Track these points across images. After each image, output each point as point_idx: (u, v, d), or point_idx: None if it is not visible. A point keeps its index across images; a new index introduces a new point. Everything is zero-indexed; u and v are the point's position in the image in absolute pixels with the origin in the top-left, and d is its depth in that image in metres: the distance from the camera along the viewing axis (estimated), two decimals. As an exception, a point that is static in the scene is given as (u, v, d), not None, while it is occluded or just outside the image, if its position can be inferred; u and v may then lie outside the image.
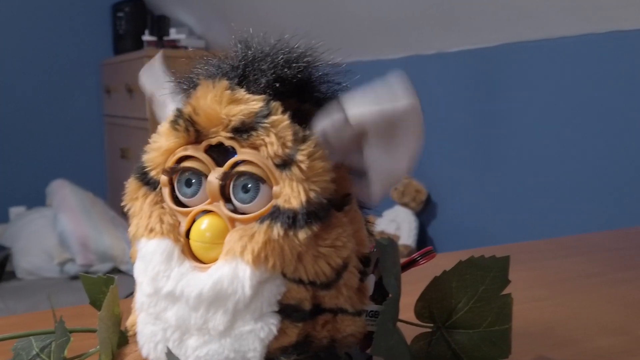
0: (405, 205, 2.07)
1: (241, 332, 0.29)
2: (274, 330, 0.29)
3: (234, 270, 0.28)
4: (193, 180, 0.31)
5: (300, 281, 0.29)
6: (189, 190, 0.31)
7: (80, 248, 2.03)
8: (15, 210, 2.81)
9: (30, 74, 2.91)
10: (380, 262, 0.33)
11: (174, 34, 2.65)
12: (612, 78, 1.49)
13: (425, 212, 2.11)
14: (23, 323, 0.50)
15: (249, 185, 0.29)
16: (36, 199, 2.64)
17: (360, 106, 0.29)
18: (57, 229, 2.12)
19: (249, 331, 0.28)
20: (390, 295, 0.34)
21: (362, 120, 0.29)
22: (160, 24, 2.63)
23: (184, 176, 0.31)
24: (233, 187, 0.30)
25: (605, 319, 0.51)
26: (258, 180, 0.29)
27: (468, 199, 1.96)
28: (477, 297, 0.40)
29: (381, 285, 0.34)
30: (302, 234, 0.28)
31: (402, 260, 0.41)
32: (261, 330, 0.28)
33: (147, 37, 2.67)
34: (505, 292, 0.40)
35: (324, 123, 0.30)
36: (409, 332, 0.39)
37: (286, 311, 0.29)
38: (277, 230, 0.28)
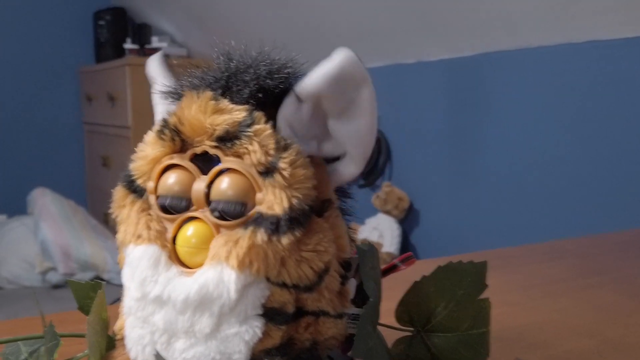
0: (387, 213, 2.09)
1: (227, 335, 0.29)
2: (259, 332, 0.30)
3: (219, 275, 0.29)
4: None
5: (283, 285, 0.30)
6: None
7: (61, 257, 2.01)
8: (-6, 219, 2.77)
9: (9, 81, 2.88)
10: (360, 266, 0.35)
11: (155, 42, 2.65)
12: (590, 88, 1.53)
13: (407, 220, 2.13)
14: (6, 329, 0.50)
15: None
16: (17, 208, 2.60)
17: (305, 81, 0.30)
18: (38, 237, 2.10)
19: (234, 334, 0.29)
20: (370, 299, 0.35)
21: (310, 90, 0.30)
22: (142, 32, 2.63)
23: (170, 184, 0.32)
24: (218, 194, 0.31)
25: (576, 322, 0.53)
26: (242, 187, 0.30)
27: (449, 207, 1.99)
28: (456, 301, 0.41)
29: (362, 289, 0.36)
30: (285, 240, 0.29)
31: (383, 265, 0.42)
32: (246, 332, 0.29)
33: (128, 45, 2.66)
34: (482, 296, 0.42)
35: (282, 111, 0.31)
36: (391, 336, 0.41)
37: (270, 314, 0.30)
38: (261, 235, 0.29)
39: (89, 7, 2.97)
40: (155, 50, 2.64)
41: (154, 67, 0.36)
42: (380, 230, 2.05)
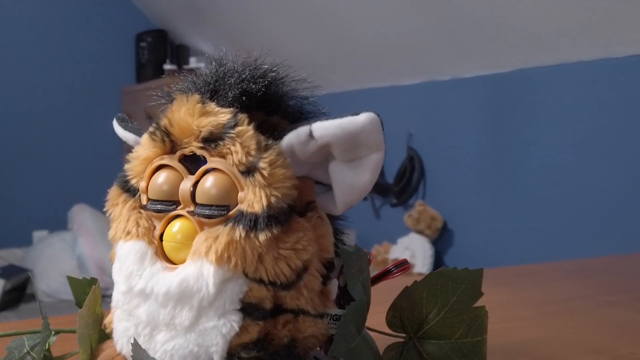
0: (420, 232, 2.07)
1: (205, 328, 0.31)
2: (236, 327, 0.31)
3: (199, 269, 0.31)
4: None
5: (261, 281, 0.31)
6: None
7: (97, 271, 2.08)
8: (38, 234, 2.89)
9: (54, 100, 3.03)
10: (345, 268, 0.35)
11: (193, 63, 2.75)
12: (630, 104, 1.50)
13: (441, 240, 2.11)
14: (21, 328, 0.53)
15: (217, 192, 0.32)
16: (58, 223, 2.71)
17: (324, 124, 0.32)
18: (75, 252, 2.18)
19: (212, 327, 0.31)
20: (355, 301, 0.36)
21: (324, 133, 0.32)
22: (181, 53, 2.73)
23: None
24: (203, 193, 0.32)
25: (589, 339, 0.52)
26: (225, 186, 0.32)
27: (484, 228, 1.95)
28: (448, 308, 0.41)
29: (348, 292, 0.36)
30: (262, 236, 0.31)
31: (378, 271, 0.43)
32: (223, 326, 0.31)
33: (168, 66, 2.77)
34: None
35: (291, 136, 0.33)
36: (384, 342, 0.41)
37: (248, 309, 0.31)
38: (239, 232, 0.31)
39: (131, 30, 3.10)
40: (192, 71, 2.74)
41: (118, 130, 0.39)
42: (412, 250, 2.04)
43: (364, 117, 0.31)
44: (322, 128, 0.32)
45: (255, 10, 2.47)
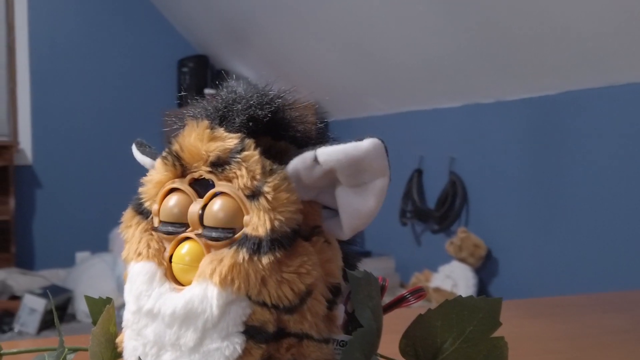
0: (462, 260, 2.04)
1: (209, 350, 0.32)
2: (239, 349, 0.32)
3: (204, 291, 0.32)
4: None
5: (264, 304, 0.32)
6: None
7: (135, 293, 2.13)
8: (80, 255, 3.00)
9: (97, 124, 3.17)
10: (352, 294, 0.36)
11: (234, 87, 2.83)
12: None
13: (484, 269, 2.07)
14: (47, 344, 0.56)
15: (224, 215, 0.33)
16: (100, 245, 2.81)
17: (329, 149, 0.33)
18: (115, 273, 2.25)
19: (216, 349, 0.32)
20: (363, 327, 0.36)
21: (328, 159, 0.33)
22: (221, 78, 2.80)
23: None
24: (211, 217, 0.34)
25: (622, 374, 0.50)
26: (232, 210, 0.33)
27: (530, 256, 1.90)
28: (464, 337, 0.41)
29: (356, 317, 0.37)
30: (266, 259, 0.32)
31: (392, 297, 0.43)
32: (227, 348, 0.32)
33: (208, 91, 2.86)
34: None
35: (296, 161, 0.34)
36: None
37: (251, 332, 0.32)
38: (243, 254, 0.32)
39: (174, 55, 3.22)
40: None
41: (136, 154, 0.41)
42: (454, 279, 2.00)
43: (367, 143, 0.32)
44: (327, 153, 0.32)
45: (295, 35, 2.53)
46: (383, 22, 2.08)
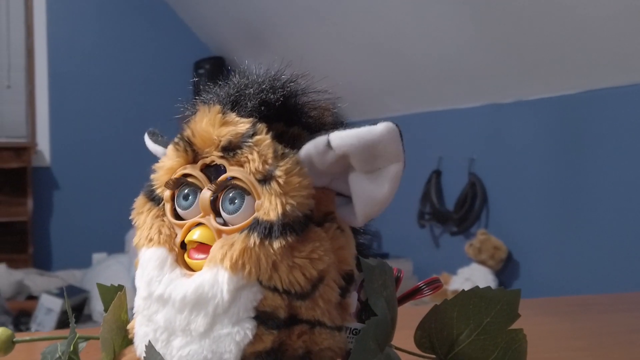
0: (482, 263, 2.02)
1: (219, 335, 0.32)
2: (250, 335, 0.32)
3: (214, 276, 0.32)
4: (190, 196, 0.35)
5: (275, 289, 0.32)
6: (185, 203, 0.35)
7: (151, 294, 2.15)
8: (97, 256, 3.03)
9: (113, 126, 3.20)
10: (365, 282, 0.36)
11: (250, 88, 2.84)
12: None
13: (505, 272, 2.04)
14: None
15: (236, 199, 0.33)
16: (117, 246, 2.84)
17: (342, 134, 0.33)
18: (131, 274, 2.27)
19: (226, 334, 0.32)
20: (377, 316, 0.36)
21: (341, 143, 0.32)
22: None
23: (182, 191, 0.36)
24: (222, 201, 0.34)
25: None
26: (244, 193, 0.33)
27: (552, 258, 1.88)
28: (481, 329, 0.40)
29: (370, 306, 0.36)
30: (277, 244, 0.32)
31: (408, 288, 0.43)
32: (237, 334, 0.32)
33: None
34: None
35: (309, 146, 0.34)
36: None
37: (262, 318, 0.32)
38: (254, 239, 0.32)
39: (190, 57, 3.25)
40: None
41: (148, 143, 0.41)
42: (473, 282, 1.98)
43: (381, 127, 0.31)
44: (340, 138, 0.32)
45: (312, 36, 2.53)
46: (401, 21, 2.08)
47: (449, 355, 0.40)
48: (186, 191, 0.36)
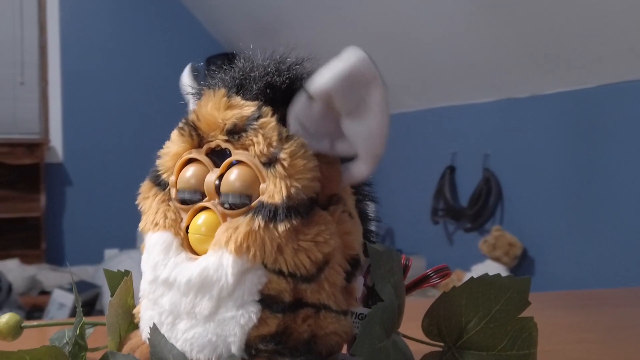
0: (497, 259, 2.00)
1: (224, 318, 0.32)
2: (254, 318, 0.32)
3: (219, 259, 0.32)
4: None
5: (280, 272, 0.32)
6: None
7: (162, 290, 2.17)
8: (109, 252, 3.06)
9: (126, 122, 3.23)
10: (372, 268, 0.36)
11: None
12: None
13: (520, 269, 2.03)
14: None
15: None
16: (129, 242, 2.86)
17: (316, 79, 0.32)
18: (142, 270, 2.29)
19: (231, 317, 0.32)
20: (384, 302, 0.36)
21: (320, 89, 0.32)
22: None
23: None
24: (228, 185, 0.34)
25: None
26: (248, 178, 0.33)
27: (568, 254, 1.86)
28: (491, 317, 0.40)
29: (376, 292, 0.36)
30: (282, 227, 0.32)
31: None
32: (242, 317, 0.32)
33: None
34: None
35: (293, 108, 0.34)
36: (421, 352, 0.40)
37: (267, 301, 0.32)
38: (258, 222, 0.32)
39: (202, 53, 3.26)
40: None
41: (186, 76, 0.41)
42: (487, 278, 1.97)
43: (350, 55, 0.31)
44: (315, 84, 0.32)
45: (324, 32, 2.53)
46: (415, 15, 2.07)
47: (457, 343, 0.40)
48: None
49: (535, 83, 1.97)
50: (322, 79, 0.32)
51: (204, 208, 0.35)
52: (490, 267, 2.00)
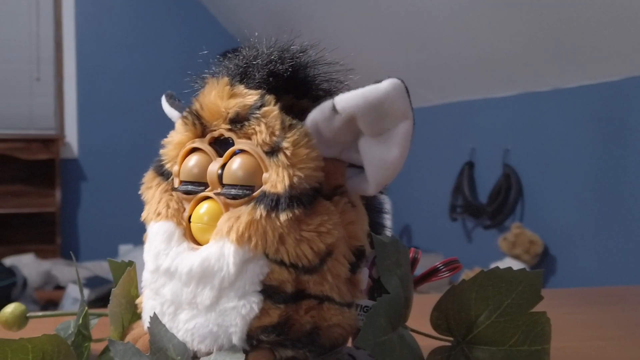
0: (516, 257, 1.98)
1: (225, 308, 0.32)
2: (256, 308, 0.32)
3: (220, 249, 0.32)
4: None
5: (282, 263, 0.32)
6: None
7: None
8: (123, 248, 3.09)
9: (140, 117, 3.25)
10: (378, 259, 0.35)
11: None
12: None
13: (541, 267, 2.00)
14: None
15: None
16: (142, 237, 2.89)
17: (347, 96, 0.32)
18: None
19: (232, 308, 0.32)
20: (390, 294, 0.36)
21: (348, 106, 0.32)
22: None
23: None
24: (230, 175, 0.34)
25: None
26: (251, 167, 0.33)
27: (591, 252, 1.83)
28: (501, 311, 0.40)
29: (382, 284, 0.36)
30: (284, 216, 0.32)
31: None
32: (243, 307, 0.32)
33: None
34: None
35: (314, 113, 0.33)
36: (430, 346, 0.40)
37: (268, 292, 0.32)
38: (260, 211, 0.32)
39: (218, 48, 3.27)
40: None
41: (164, 106, 0.42)
42: (506, 277, 1.95)
43: (386, 84, 0.31)
44: (345, 100, 0.32)
45: (342, 25, 2.52)
46: (434, 9, 2.05)
47: (466, 338, 0.40)
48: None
49: (557, 76, 1.95)
50: (353, 99, 0.31)
51: (207, 198, 0.35)
52: (510, 265, 1.98)
